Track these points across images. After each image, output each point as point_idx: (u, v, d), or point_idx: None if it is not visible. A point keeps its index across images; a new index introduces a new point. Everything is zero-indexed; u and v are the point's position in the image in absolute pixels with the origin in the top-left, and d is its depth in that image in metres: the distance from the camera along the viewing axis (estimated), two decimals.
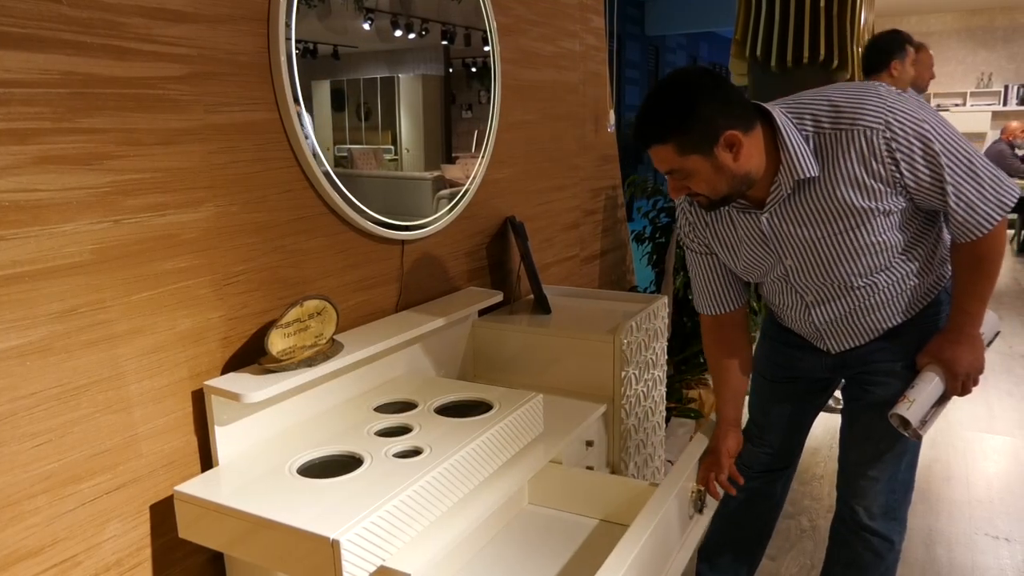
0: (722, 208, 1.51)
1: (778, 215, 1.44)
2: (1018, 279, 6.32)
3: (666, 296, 2.54)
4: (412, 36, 2.03)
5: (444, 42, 2.15)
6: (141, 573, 1.44)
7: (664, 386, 2.54)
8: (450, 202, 2.22)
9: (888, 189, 1.35)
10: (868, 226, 1.38)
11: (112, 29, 1.30)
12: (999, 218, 1.36)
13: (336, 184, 1.78)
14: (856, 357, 1.59)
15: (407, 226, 2.04)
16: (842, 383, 1.73)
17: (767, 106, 1.38)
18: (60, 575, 1.30)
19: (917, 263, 1.48)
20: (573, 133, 3.03)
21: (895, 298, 1.50)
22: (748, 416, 1.83)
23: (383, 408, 1.72)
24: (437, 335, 2.10)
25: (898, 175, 1.33)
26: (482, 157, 2.37)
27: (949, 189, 1.33)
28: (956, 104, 9.51)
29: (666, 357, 2.52)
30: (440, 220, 2.17)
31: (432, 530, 1.42)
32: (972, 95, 9.52)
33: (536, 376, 2.24)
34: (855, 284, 1.47)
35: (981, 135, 9.23)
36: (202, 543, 1.40)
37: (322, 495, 1.33)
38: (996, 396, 3.65)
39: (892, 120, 1.30)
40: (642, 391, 2.31)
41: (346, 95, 1.83)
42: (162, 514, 1.47)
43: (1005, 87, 9.32)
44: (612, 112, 3.38)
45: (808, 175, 1.36)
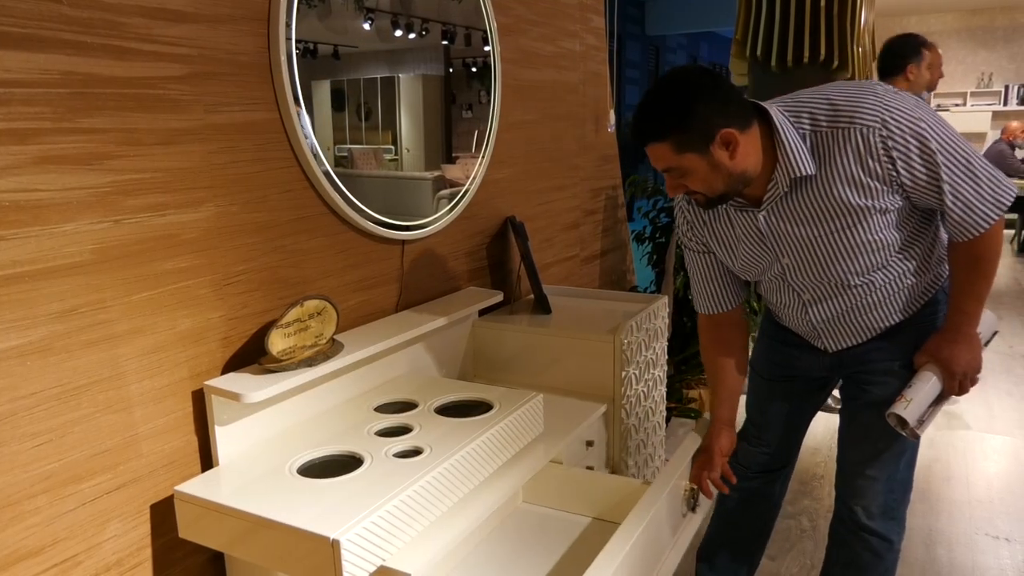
0: (720, 206, 1.51)
1: (775, 213, 1.44)
2: (1018, 279, 6.32)
3: (666, 296, 2.55)
4: (412, 36, 2.03)
5: (444, 42, 2.15)
6: (141, 573, 1.45)
7: (664, 386, 2.55)
8: (450, 202, 2.22)
9: (885, 187, 1.35)
10: (865, 224, 1.38)
11: (112, 29, 1.31)
12: (996, 217, 1.36)
13: (336, 184, 1.78)
14: (853, 356, 1.58)
15: (407, 226, 2.04)
16: (840, 383, 1.73)
17: (764, 104, 1.38)
18: (60, 575, 1.31)
19: (914, 262, 1.48)
20: (573, 133, 3.03)
21: (892, 297, 1.50)
22: (746, 416, 1.83)
23: (383, 408, 1.72)
24: (437, 335, 2.10)
25: (895, 173, 1.33)
26: (482, 157, 2.37)
27: (946, 188, 1.33)
28: (956, 104, 9.51)
29: (666, 357, 2.52)
30: (440, 220, 2.17)
31: (432, 530, 1.42)
32: (972, 95, 9.51)
33: (536, 376, 2.24)
34: (852, 282, 1.47)
35: (981, 135, 9.23)
36: (202, 543, 1.40)
37: (322, 495, 1.33)
38: (996, 396, 3.65)
39: (889, 118, 1.30)
40: (642, 391, 2.31)
41: (346, 95, 1.83)
42: (162, 514, 1.47)
43: (1005, 87, 9.31)
44: (612, 112, 3.38)
45: (804, 173, 1.36)
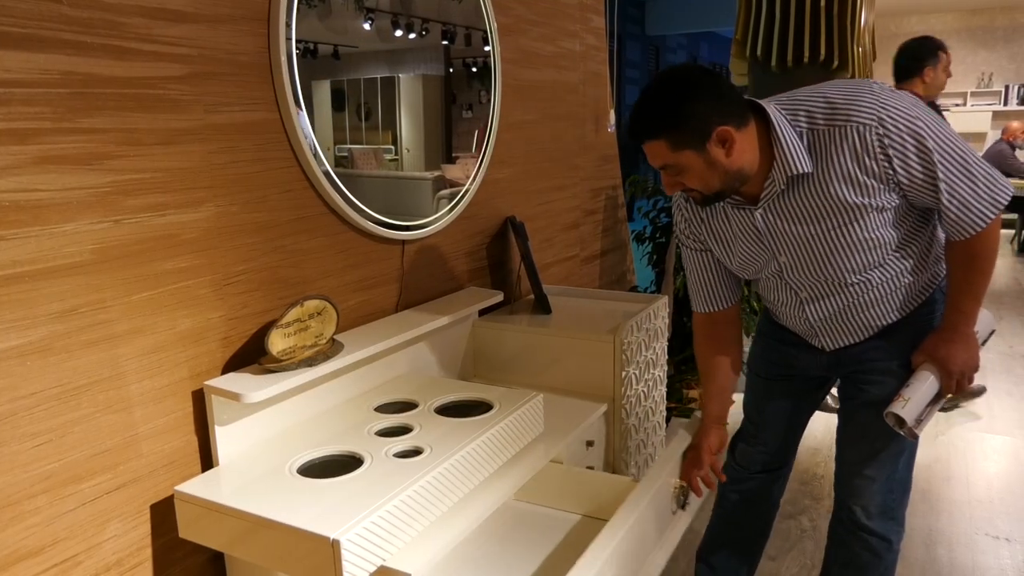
0: (717, 204, 1.51)
1: (772, 211, 1.44)
2: (1018, 279, 6.32)
3: (666, 296, 2.54)
4: (412, 36, 2.03)
5: (444, 42, 2.15)
6: (141, 573, 1.45)
7: (664, 386, 2.55)
8: (450, 202, 2.22)
9: (881, 185, 1.35)
10: (861, 222, 1.38)
11: (112, 29, 1.31)
12: (993, 216, 1.36)
13: (336, 184, 1.78)
14: (851, 356, 1.58)
15: (407, 226, 2.04)
16: (837, 382, 1.73)
17: (761, 102, 1.38)
18: (60, 575, 1.31)
19: (911, 260, 1.48)
20: (573, 133, 3.03)
21: (889, 295, 1.50)
22: (743, 415, 1.83)
23: (383, 408, 1.72)
24: (437, 335, 2.10)
25: (891, 171, 1.33)
26: (482, 157, 2.37)
27: (942, 186, 1.33)
28: (956, 104, 9.50)
29: (666, 357, 2.52)
30: (440, 220, 2.17)
31: (432, 530, 1.42)
32: (972, 95, 9.51)
33: (536, 376, 2.24)
34: (849, 281, 1.47)
35: (981, 135, 9.22)
36: (202, 543, 1.40)
37: (322, 495, 1.33)
38: (996, 396, 3.65)
39: (885, 116, 1.30)
40: (642, 391, 2.31)
41: (346, 95, 1.83)
42: (162, 514, 1.47)
43: (1006, 87, 9.31)
44: (612, 112, 3.38)
45: (801, 171, 1.36)
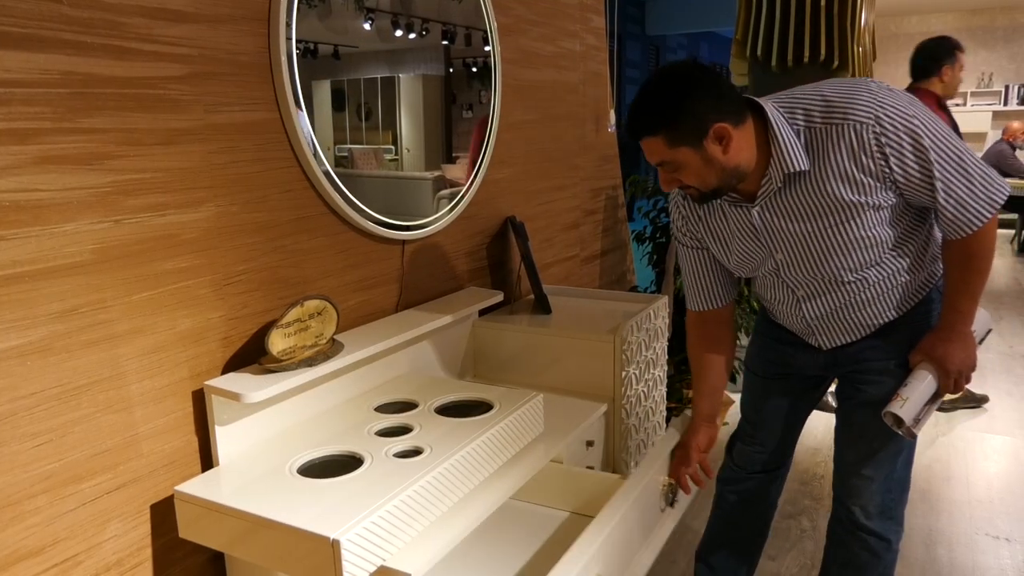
0: (714, 202, 1.51)
1: (769, 209, 1.44)
2: (1018, 279, 6.32)
3: (666, 296, 2.54)
4: (412, 36, 2.03)
5: (444, 42, 2.15)
6: (142, 573, 1.45)
7: (665, 386, 2.54)
8: (450, 202, 2.22)
9: (877, 184, 1.35)
10: (858, 221, 1.39)
11: (112, 29, 1.31)
12: (989, 215, 1.36)
13: (336, 184, 1.78)
14: (848, 355, 1.59)
15: (407, 226, 2.04)
16: (835, 382, 1.73)
17: (759, 100, 1.38)
18: (60, 575, 1.31)
19: (908, 259, 1.48)
20: (573, 133, 3.03)
21: (886, 294, 1.50)
22: (740, 415, 1.83)
23: (383, 408, 1.72)
24: (438, 335, 2.10)
25: (887, 170, 1.33)
26: (482, 157, 2.37)
27: (938, 185, 1.33)
28: (957, 104, 9.48)
29: (666, 357, 2.52)
30: (440, 220, 2.17)
31: (432, 530, 1.42)
32: (972, 95, 9.51)
33: (536, 376, 2.24)
34: (845, 279, 1.48)
35: (982, 135, 9.22)
36: (202, 543, 1.40)
37: (322, 495, 1.33)
38: (996, 396, 3.65)
39: (882, 115, 1.31)
40: (643, 391, 2.31)
41: (347, 95, 1.83)
42: (162, 514, 1.47)
43: (1006, 87, 9.31)
44: (612, 112, 3.38)
45: (798, 169, 1.36)
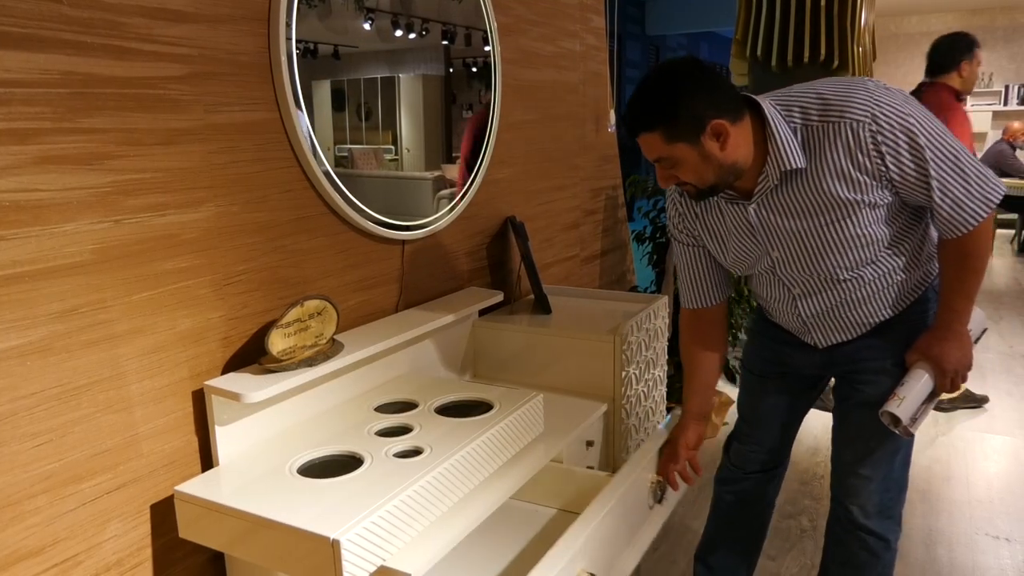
0: (711, 199, 1.51)
1: (766, 206, 1.44)
2: (1018, 279, 6.32)
3: (666, 296, 2.55)
4: (412, 36, 2.03)
5: (444, 42, 2.15)
6: (142, 573, 1.45)
7: (664, 386, 2.55)
8: (450, 202, 2.22)
9: (874, 182, 1.35)
10: (854, 219, 1.39)
11: (112, 29, 1.31)
12: (985, 214, 1.36)
13: (336, 184, 1.78)
14: (844, 354, 1.59)
15: (407, 226, 2.04)
16: (832, 381, 1.73)
17: (756, 97, 1.38)
18: (60, 575, 1.31)
19: (904, 258, 1.48)
20: (573, 133, 3.03)
21: (882, 292, 1.50)
22: (737, 415, 1.83)
23: (383, 408, 1.72)
24: (438, 335, 2.10)
25: (883, 168, 1.34)
26: (482, 157, 2.37)
27: (934, 184, 1.34)
28: None
29: (666, 357, 2.52)
30: (440, 220, 2.17)
31: (432, 530, 1.42)
32: (973, 95, 9.50)
33: (536, 376, 2.24)
34: (841, 277, 1.48)
35: (982, 135, 9.22)
36: (202, 543, 1.40)
37: (322, 495, 1.33)
38: (996, 396, 3.65)
39: (878, 113, 1.31)
40: (643, 391, 2.31)
41: (346, 95, 1.83)
42: (162, 514, 1.47)
43: (1006, 87, 9.31)
44: (612, 112, 3.38)
45: (795, 166, 1.36)
